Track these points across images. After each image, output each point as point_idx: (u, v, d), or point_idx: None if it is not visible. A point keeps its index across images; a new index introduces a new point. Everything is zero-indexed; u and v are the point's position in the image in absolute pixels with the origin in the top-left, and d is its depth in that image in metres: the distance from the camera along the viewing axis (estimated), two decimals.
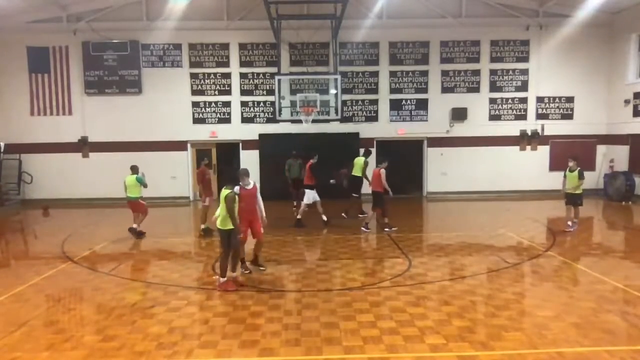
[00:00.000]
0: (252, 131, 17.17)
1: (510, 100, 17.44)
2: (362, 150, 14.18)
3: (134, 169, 10.97)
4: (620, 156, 16.66)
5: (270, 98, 16.21)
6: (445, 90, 17.33)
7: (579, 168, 10.97)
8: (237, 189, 7.39)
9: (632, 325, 5.68)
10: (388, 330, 5.59)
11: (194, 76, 17.08)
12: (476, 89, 17.34)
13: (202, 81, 17.11)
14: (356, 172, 13.05)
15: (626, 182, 15.56)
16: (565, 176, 11.22)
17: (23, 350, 5.19)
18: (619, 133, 16.73)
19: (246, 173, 7.73)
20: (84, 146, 17.07)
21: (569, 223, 11.06)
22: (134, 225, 10.91)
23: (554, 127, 17.44)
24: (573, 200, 11.12)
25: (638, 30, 16.15)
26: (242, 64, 17.10)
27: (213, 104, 17.19)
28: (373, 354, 5.02)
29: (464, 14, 16.95)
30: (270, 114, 16.90)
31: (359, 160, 13.16)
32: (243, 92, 17.18)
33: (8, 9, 15.33)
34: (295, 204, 13.95)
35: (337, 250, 9.66)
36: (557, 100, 17.47)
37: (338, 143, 16.55)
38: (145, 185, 10.82)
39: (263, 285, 7.40)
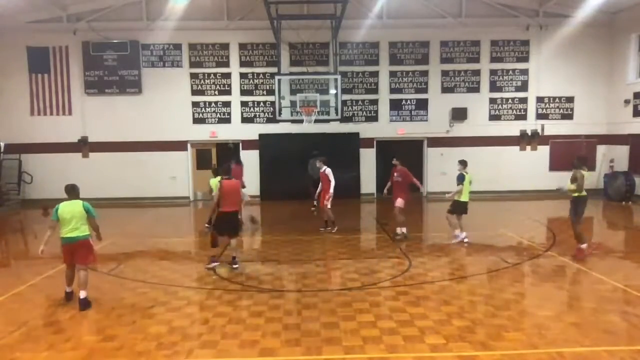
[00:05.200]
0: (252, 131, 17.17)
1: (510, 100, 17.44)
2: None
3: (71, 192, 6.77)
4: (620, 156, 16.66)
5: (270, 98, 16.20)
6: (445, 90, 17.33)
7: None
8: None
9: (632, 325, 5.67)
10: (388, 330, 5.59)
11: (194, 76, 17.08)
12: (476, 89, 17.35)
13: (202, 81, 17.11)
14: None
15: (626, 182, 15.56)
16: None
17: (23, 350, 5.19)
18: (619, 133, 16.73)
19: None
20: (84, 146, 17.06)
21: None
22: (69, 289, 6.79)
23: (554, 127, 17.45)
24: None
25: (638, 30, 16.14)
26: (242, 64, 17.10)
27: (213, 104, 17.19)
28: (373, 354, 5.02)
29: (464, 14, 16.95)
30: (270, 114, 16.90)
31: None
32: (243, 92, 17.18)
33: (8, 9, 15.33)
34: (315, 203, 13.85)
35: (337, 250, 9.66)
36: (557, 100, 17.47)
37: (338, 143, 16.56)
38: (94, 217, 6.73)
39: (263, 285, 7.40)
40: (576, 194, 8.73)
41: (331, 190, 10.87)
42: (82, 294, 6.46)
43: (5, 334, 5.60)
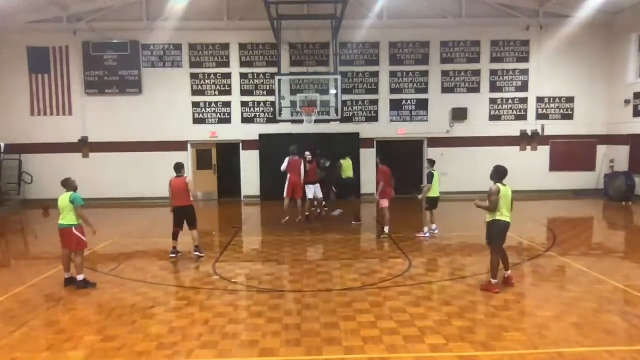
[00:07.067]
0: (252, 131, 17.17)
1: (510, 100, 17.44)
2: None
3: (64, 184, 7.58)
4: (620, 156, 16.66)
5: (270, 98, 16.20)
6: (445, 90, 17.33)
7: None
8: None
9: (632, 325, 5.67)
10: (388, 330, 5.58)
11: (194, 76, 17.08)
12: (476, 89, 17.34)
13: (202, 81, 17.11)
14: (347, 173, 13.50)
15: (626, 182, 15.55)
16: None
17: (23, 350, 5.19)
18: (619, 133, 16.73)
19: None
20: (84, 146, 17.07)
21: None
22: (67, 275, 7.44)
23: (554, 127, 17.45)
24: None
25: (638, 30, 16.14)
26: (242, 64, 17.10)
27: (213, 104, 17.19)
28: (373, 354, 5.01)
29: (464, 14, 16.94)
30: (270, 114, 16.90)
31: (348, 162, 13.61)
32: (243, 92, 17.18)
33: (8, 9, 15.32)
34: (323, 203, 13.82)
35: (337, 250, 9.66)
36: (557, 100, 17.47)
37: (338, 143, 16.53)
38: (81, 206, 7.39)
39: (263, 285, 7.40)
40: (488, 217, 6.73)
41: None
42: (79, 277, 7.27)
43: (5, 334, 5.60)
